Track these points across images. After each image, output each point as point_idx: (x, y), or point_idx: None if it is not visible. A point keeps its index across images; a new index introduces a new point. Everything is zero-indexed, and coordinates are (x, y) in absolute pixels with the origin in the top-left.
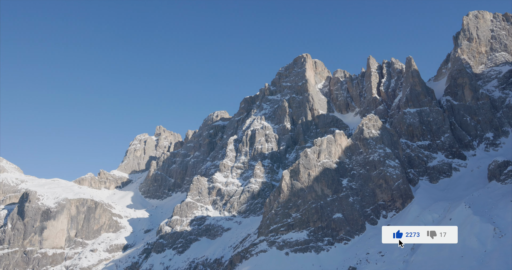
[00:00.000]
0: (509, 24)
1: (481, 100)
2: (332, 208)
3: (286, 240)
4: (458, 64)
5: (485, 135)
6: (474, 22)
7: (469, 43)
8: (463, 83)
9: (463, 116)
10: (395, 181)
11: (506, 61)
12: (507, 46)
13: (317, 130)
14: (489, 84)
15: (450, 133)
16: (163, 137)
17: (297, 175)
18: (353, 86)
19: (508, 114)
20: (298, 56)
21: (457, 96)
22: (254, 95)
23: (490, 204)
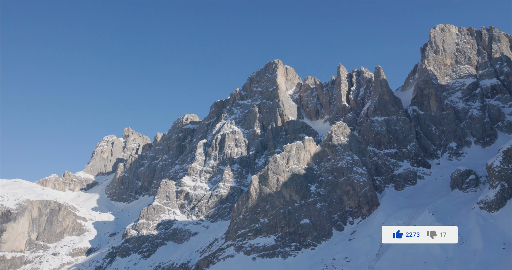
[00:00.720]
0: (473, 39)
1: (446, 110)
2: (300, 213)
3: (254, 245)
4: (424, 75)
5: (449, 144)
6: (440, 35)
7: (436, 55)
8: (429, 93)
9: (429, 126)
10: (362, 188)
11: (470, 73)
12: (471, 59)
13: (287, 136)
14: (453, 96)
15: (415, 142)
16: (131, 139)
17: (266, 180)
18: (323, 93)
19: (470, 125)
20: (270, 62)
21: (423, 106)
22: (225, 99)
23: (453, 211)
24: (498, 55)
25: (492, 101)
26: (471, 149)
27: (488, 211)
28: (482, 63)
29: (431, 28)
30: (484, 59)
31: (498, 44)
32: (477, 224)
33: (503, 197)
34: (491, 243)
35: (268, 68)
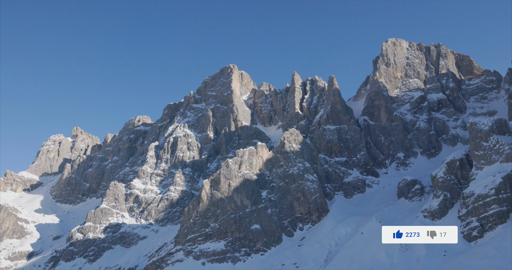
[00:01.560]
0: (422, 54)
1: (395, 122)
2: (250, 219)
3: (203, 250)
4: (376, 87)
5: (397, 155)
6: (392, 48)
7: (387, 68)
8: (379, 104)
9: (378, 136)
10: (312, 194)
11: (418, 87)
12: (419, 73)
13: (240, 141)
14: (402, 108)
15: (365, 151)
16: (80, 139)
17: (218, 185)
18: (277, 100)
19: (417, 136)
20: (225, 66)
21: (373, 117)
22: (179, 102)
23: (399, 219)
24: (444, 71)
25: (438, 115)
26: (417, 160)
27: (431, 219)
28: (429, 77)
29: (384, 42)
30: (432, 74)
31: (445, 61)
32: None
33: (446, 207)
34: (433, 251)
35: (224, 73)
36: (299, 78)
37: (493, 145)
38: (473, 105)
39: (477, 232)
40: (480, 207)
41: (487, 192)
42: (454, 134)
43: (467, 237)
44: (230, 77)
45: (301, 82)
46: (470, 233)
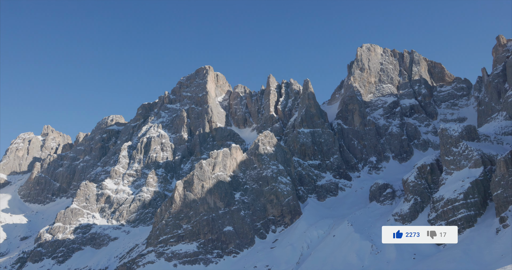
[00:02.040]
0: (396, 60)
1: (368, 126)
2: (223, 221)
3: (175, 251)
4: (350, 91)
5: (369, 159)
6: (366, 54)
7: (361, 73)
8: (353, 109)
9: (351, 140)
10: (285, 197)
11: (391, 93)
12: (393, 79)
13: (214, 142)
14: (375, 112)
15: (338, 155)
16: (51, 138)
17: (191, 186)
18: (252, 102)
19: (390, 141)
20: (201, 67)
21: (347, 121)
22: (153, 102)
23: (370, 223)
24: (417, 77)
25: (410, 120)
26: (389, 164)
27: (402, 223)
28: (402, 83)
29: (358, 47)
30: (405, 80)
31: (417, 67)
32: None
33: (416, 210)
34: (403, 254)
35: (199, 74)
36: (275, 80)
37: (463, 151)
38: (444, 112)
39: None
40: (449, 211)
41: (456, 197)
42: (426, 139)
43: None
44: (205, 78)
45: (276, 84)
46: None
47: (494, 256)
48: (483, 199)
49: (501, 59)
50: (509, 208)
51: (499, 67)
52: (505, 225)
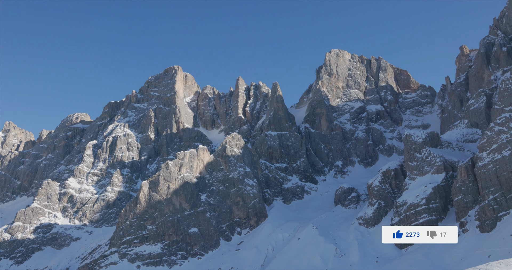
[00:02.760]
0: (363, 66)
1: (335, 130)
2: (188, 222)
3: (139, 252)
4: (318, 95)
5: (335, 163)
6: (335, 59)
7: (329, 78)
8: (320, 113)
9: (318, 144)
10: (251, 199)
11: (358, 98)
12: (360, 85)
13: (181, 143)
14: (342, 117)
15: (305, 158)
16: (12, 135)
17: (156, 187)
18: (221, 104)
19: (356, 146)
20: (170, 67)
21: (314, 125)
22: (120, 100)
23: (335, 226)
24: (383, 84)
25: (376, 125)
26: (354, 168)
27: (365, 227)
28: (369, 89)
29: (327, 52)
30: (372, 86)
31: (384, 74)
32: (355, 239)
33: (380, 215)
34: (366, 257)
35: (168, 74)
36: (243, 83)
37: (426, 157)
38: (408, 118)
39: None
40: (412, 216)
41: (419, 202)
42: (390, 144)
43: (398, 245)
44: (174, 78)
45: (245, 87)
46: None
47: (454, 260)
48: (444, 204)
49: (464, 69)
50: (468, 213)
51: (462, 76)
52: (464, 230)
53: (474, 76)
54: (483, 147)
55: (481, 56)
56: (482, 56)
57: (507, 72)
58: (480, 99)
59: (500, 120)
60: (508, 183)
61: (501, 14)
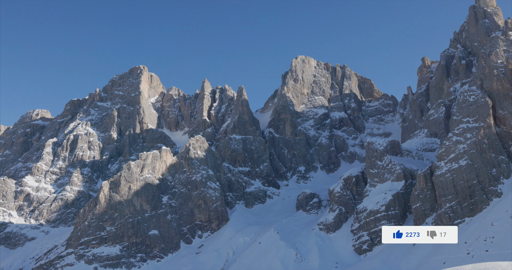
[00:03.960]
0: (328, 73)
1: (299, 136)
2: (149, 224)
3: (97, 254)
4: (283, 101)
5: (298, 168)
6: (301, 65)
7: (295, 84)
8: (285, 118)
9: (282, 149)
10: (213, 202)
11: (323, 105)
12: (324, 91)
13: (144, 144)
14: (306, 123)
15: (268, 163)
16: None
17: (117, 187)
18: (186, 106)
19: (319, 152)
20: (135, 67)
21: (278, 130)
22: (83, 98)
23: (296, 231)
24: (347, 91)
25: (339, 132)
26: (317, 174)
27: (326, 232)
28: (333, 96)
29: (293, 58)
30: (336, 93)
31: (348, 82)
32: (315, 244)
33: (340, 220)
34: (326, 262)
35: (133, 73)
36: (209, 85)
37: (386, 164)
38: (371, 126)
39: (367, 245)
40: (371, 222)
41: (378, 208)
42: (353, 151)
43: (357, 250)
44: (139, 78)
45: (211, 89)
46: (360, 246)
47: (411, 266)
48: (403, 211)
49: (425, 80)
50: (426, 220)
51: (423, 86)
52: None
53: (435, 87)
54: (441, 156)
55: (442, 68)
56: (442, 68)
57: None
58: (440, 109)
59: (458, 130)
60: (464, 192)
61: (461, 28)
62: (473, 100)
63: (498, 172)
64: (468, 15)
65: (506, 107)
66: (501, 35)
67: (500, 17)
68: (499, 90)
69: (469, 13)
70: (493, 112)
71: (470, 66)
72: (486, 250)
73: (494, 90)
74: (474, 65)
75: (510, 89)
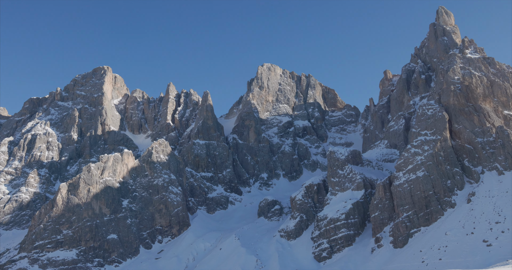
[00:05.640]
0: (294, 82)
1: (262, 143)
2: (108, 228)
3: (52, 258)
4: (248, 107)
5: (261, 175)
6: (267, 73)
7: (260, 91)
8: (249, 125)
9: (245, 155)
10: (175, 207)
11: (287, 113)
12: (289, 100)
13: (105, 146)
14: (270, 130)
15: (231, 169)
16: None
17: (76, 190)
18: (150, 109)
19: (282, 159)
20: (99, 67)
21: (242, 136)
22: (43, 97)
23: (257, 237)
24: (312, 101)
25: (302, 140)
26: (279, 181)
27: (287, 239)
28: (298, 105)
29: (260, 65)
30: (300, 102)
31: (313, 91)
32: (276, 251)
33: (301, 228)
34: (286, 269)
35: (96, 73)
36: (174, 89)
37: (347, 173)
38: (333, 135)
39: (327, 253)
40: (331, 230)
41: (338, 217)
42: (315, 160)
43: (317, 258)
44: (102, 78)
45: (176, 93)
46: (320, 253)
47: None
48: (362, 220)
49: (387, 92)
50: (384, 229)
51: (384, 99)
52: (379, 245)
53: (395, 99)
54: (399, 167)
55: (402, 81)
56: (403, 82)
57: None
58: (400, 121)
59: (416, 142)
60: (421, 202)
61: (422, 44)
62: (431, 114)
63: (453, 183)
64: (429, 32)
65: (461, 122)
66: (458, 52)
67: (458, 36)
68: (455, 105)
69: (429, 30)
70: (449, 126)
71: (429, 81)
72: (439, 258)
73: (450, 105)
74: (433, 80)
75: (466, 105)
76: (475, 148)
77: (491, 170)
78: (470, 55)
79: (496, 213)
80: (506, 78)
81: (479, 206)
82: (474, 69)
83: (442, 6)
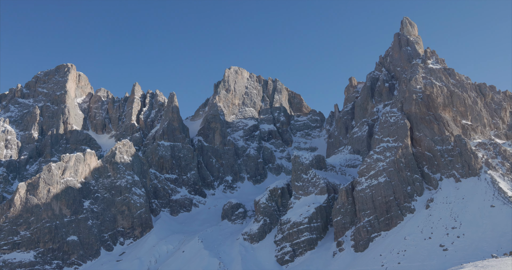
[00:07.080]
0: (260, 86)
1: (228, 146)
2: (68, 229)
3: (8, 260)
4: (214, 110)
5: (225, 177)
6: (234, 76)
7: (227, 94)
8: (215, 127)
9: (210, 158)
10: (138, 209)
11: (253, 116)
12: (255, 103)
13: (67, 145)
14: (236, 133)
15: (196, 171)
16: None
17: (35, 190)
18: (114, 108)
19: (247, 162)
20: (62, 64)
21: (208, 138)
22: (2, 93)
23: (220, 240)
24: (278, 105)
25: (267, 144)
26: (243, 185)
27: (250, 242)
28: (264, 109)
29: (227, 68)
30: (266, 106)
31: (279, 95)
32: (239, 254)
33: (264, 231)
34: None
35: (59, 71)
36: (140, 89)
37: (311, 178)
38: (298, 140)
39: (289, 256)
40: (294, 234)
41: (301, 221)
42: (280, 164)
43: (280, 261)
44: (66, 76)
45: (141, 94)
46: (283, 257)
47: None
48: (324, 224)
49: (351, 99)
50: (345, 233)
51: (349, 105)
52: (341, 249)
53: (360, 106)
54: (362, 173)
55: (367, 89)
56: (367, 89)
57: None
58: (363, 128)
59: (379, 149)
60: (382, 207)
61: (386, 53)
62: (393, 121)
63: (412, 189)
64: (393, 42)
65: (422, 130)
66: (420, 62)
67: (421, 46)
68: (417, 113)
69: (394, 40)
70: (410, 134)
71: (393, 89)
72: (398, 262)
73: (412, 113)
74: (396, 88)
75: (427, 113)
76: (435, 156)
77: (449, 177)
78: (431, 65)
79: (452, 219)
80: (465, 89)
81: (437, 212)
82: (435, 79)
83: (406, 17)
